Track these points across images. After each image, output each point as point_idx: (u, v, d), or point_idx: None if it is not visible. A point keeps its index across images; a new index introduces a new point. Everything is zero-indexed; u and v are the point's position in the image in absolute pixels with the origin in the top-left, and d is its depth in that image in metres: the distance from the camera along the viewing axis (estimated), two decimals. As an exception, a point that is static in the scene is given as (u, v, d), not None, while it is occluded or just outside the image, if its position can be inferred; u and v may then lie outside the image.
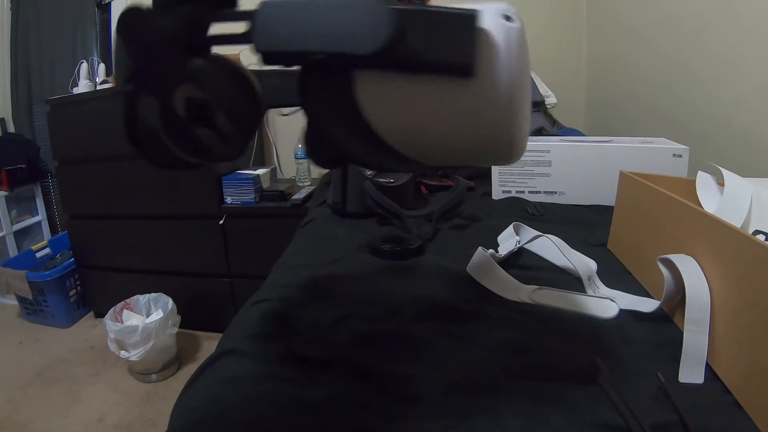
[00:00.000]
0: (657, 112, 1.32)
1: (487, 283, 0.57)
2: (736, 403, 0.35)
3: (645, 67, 1.37)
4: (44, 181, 2.40)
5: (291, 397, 0.38)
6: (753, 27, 0.91)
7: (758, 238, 0.40)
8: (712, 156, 0.86)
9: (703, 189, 0.60)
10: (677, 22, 1.17)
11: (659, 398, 0.36)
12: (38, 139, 2.35)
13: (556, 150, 0.91)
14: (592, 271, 0.56)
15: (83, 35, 2.21)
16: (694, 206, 0.46)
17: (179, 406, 0.40)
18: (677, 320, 0.46)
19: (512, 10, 0.22)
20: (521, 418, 0.35)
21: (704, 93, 1.09)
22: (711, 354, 0.39)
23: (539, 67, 1.72)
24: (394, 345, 0.45)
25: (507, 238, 0.69)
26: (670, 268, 0.45)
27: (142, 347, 1.41)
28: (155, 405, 1.41)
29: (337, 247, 0.74)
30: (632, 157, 0.85)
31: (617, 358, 0.41)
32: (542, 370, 0.40)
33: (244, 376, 0.41)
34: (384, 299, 0.55)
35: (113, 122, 1.84)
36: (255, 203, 1.65)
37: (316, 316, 0.51)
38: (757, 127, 0.92)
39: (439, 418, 0.36)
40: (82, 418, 1.35)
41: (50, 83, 2.26)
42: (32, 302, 1.88)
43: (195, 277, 1.75)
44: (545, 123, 1.51)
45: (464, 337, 0.46)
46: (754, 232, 0.50)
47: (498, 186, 0.98)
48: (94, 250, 1.88)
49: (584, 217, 0.82)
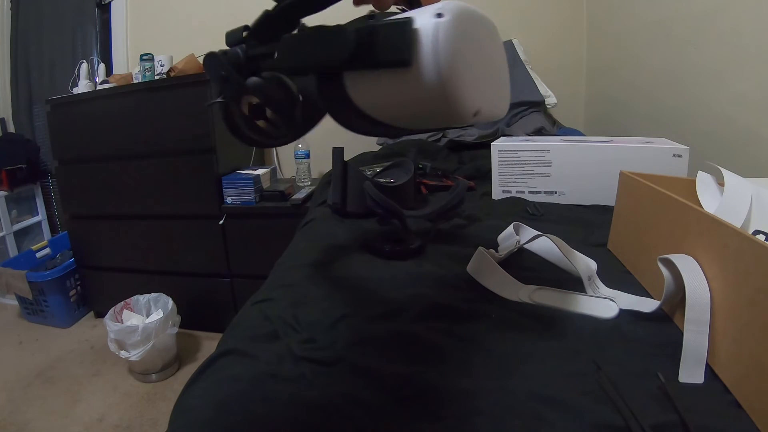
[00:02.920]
0: (657, 112, 1.32)
1: (487, 283, 0.56)
2: (736, 403, 0.35)
3: (645, 67, 1.37)
4: (44, 181, 2.40)
5: (291, 397, 0.38)
6: (753, 27, 0.91)
7: (758, 238, 0.40)
8: (712, 156, 0.86)
9: (703, 189, 0.60)
10: (677, 23, 1.17)
11: (659, 398, 0.36)
12: (38, 139, 2.35)
13: (556, 150, 0.91)
14: (592, 271, 0.56)
15: (83, 35, 2.21)
16: (694, 206, 0.46)
17: (179, 406, 0.40)
18: (677, 320, 0.46)
19: (450, 6, 0.28)
20: (521, 418, 0.35)
21: (704, 93, 1.09)
22: (711, 354, 0.39)
23: (539, 67, 1.73)
24: (394, 345, 0.45)
25: (507, 238, 0.69)
26: (670, 268, 0.45)
27: (142, 347, 1.41)
28: (155, 405, 1.41)
29: (337, 247, 0.74)
30: (632, 157, 0.85)
31: (617, 358, 0.41)
32: (542, 371, 0.40)
33: (244, 376, 0.41)
34: (384, 299, 0.55)
35: (113, 122, 1.85)
36: (255, 203, 1.65)
37: (316, 316, 0.51)
38: (757, 127, 0.92)
39: (439, 418, 0.36)
40: (82, 418, 1.35)
41: (50, 83, 2.26)
42: (32, 302, 1.88)
43: (195, 277, 1.75)
44: (545, 123, 1.51)
45: (464, 337, 0.46)
46: (754, 232, 0.50)
47: (498, 186, 0.98)
48: (94, 250, 1.88)
49: (584, 217, 0.82)
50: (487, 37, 0.32)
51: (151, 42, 2.02)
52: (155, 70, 1.77)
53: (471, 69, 0.29)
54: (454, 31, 0.28)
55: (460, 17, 0.28)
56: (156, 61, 1.77)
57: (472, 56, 0.30)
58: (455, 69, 0.28)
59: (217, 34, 1.83)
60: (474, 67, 0.30)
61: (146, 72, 1.77)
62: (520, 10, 1.83)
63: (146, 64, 1.77)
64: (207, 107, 0.32)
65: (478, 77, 0.31)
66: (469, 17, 0.29)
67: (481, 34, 0.31)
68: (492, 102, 0.33)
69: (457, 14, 0.28)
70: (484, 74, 0.32)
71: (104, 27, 2.15)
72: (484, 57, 0.32)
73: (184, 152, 1.64)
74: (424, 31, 0.27)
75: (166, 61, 1.76)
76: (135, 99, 1.65)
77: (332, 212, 0.90)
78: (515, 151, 0.95)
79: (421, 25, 0.28)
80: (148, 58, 1.77)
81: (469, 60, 0.29)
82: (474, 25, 0.30)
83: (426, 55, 0.27)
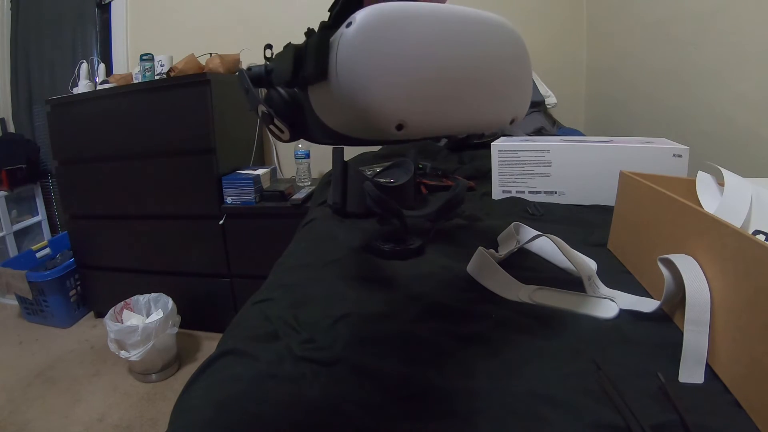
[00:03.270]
0: (657, 112, 1.32)
1: (487, 283, 0.57)
2: (736, 403, 0.35)
3: (645, 67, 1.37)
4: (44, 181, 2.40)
5: (291, 397, 0.38)
6: (753, 27, 0.91)
7: (758, 238, 0.40)
8: (712, 156, 0.86)
9: (703, 189, 0.60)
10: (677, 22, 1.17)
11: (659, 398, 0.36)
12: (38, 139, 2.35)
13: (556, 150, 0.91)
14: (592, 271, 0.56)
15: (83, 35, 2.21)
16: (694, 206, 0.46)
17: (179, 406, 0.40)
18: (677, 320, 0.46)
19: (362, 13, 0.27)
20: (521, 419, 0.35)
21: (704, 93, 1.09)
22: (711, 354, 0.39)
23: (540, 67, 1.72)
24: (394, 345, 0.45)
25: (507, 238, 0.69)
26: (670, 268, 0.45)
27: (142, 347, 1.41)
28: (155, 405, 1.41)
29: (337, 247, 0.74)
30: (632, 157, 0.85)
31: (617, 358, 0.41)
32: (542, 371, 0.40)
33: (244, 376, 0.41)
34: (384, 299, 0.55)
35: (113, 122, 1.85)
36: (255, 203, 1.65)
37: (316, 316, 0.51)
38: (757, 127, 0.92)
39: (439, 418, 0.36)
40: (82, 418, 1.35)
41: (50, 83, 2.26)
42: (32, 302, 1.88)
43: (195, 277, 1.75)
44: (545, 123, 1.51)
45: (464, 337, 0.46)
46: (754, 232, 0.50)
47: (498, 186, 0.98)
48: (94, 250, 1.88)
49: (584, 217, 0.82)
50: (442, 40, 0.30)
51: (151, 42, 2.02)
52: (155, 70, 1.77)
53: (394, 77, 0.28)
54: (363, 38, 0.27)
55: (370, 24, 0.27)
56: (156, 61, 1.77)
57: (398, 63, 0.28)
58: (358, 79, 0.27)
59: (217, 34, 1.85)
60: (404, 74, 0.28)
61: (146, 72, 1.77)
62: (520, 10, 1.83)
63: (146, 64, 1.77)
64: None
65: (411, 86, 0.29)
66: (388, 21, 0.28)
67: (425, 36, 0.29)
68: (446, 112, 0.31)
69: (368, 21, 0.27)
70: (427, 80, 0.29)
71: (104, 27, 2.15)
72: (435, 61, 0.30)
73: (184, 152, 1.64)
74: (338, 44, 0.27)
75: (166, 61, 1.76)
76: (135, 99, 1.65)
77: (332, 212, 0.90)
78: (515, 151, 0.95)
79: (334, 36, 0.28)
80: (148, 58, 1.77)
81: (392, 67, 0.28)
82: (400, 29, 0.28)
83: (332, 67, 0.27)
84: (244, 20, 1.96)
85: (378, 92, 0.28)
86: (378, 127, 0.28)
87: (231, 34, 1.95)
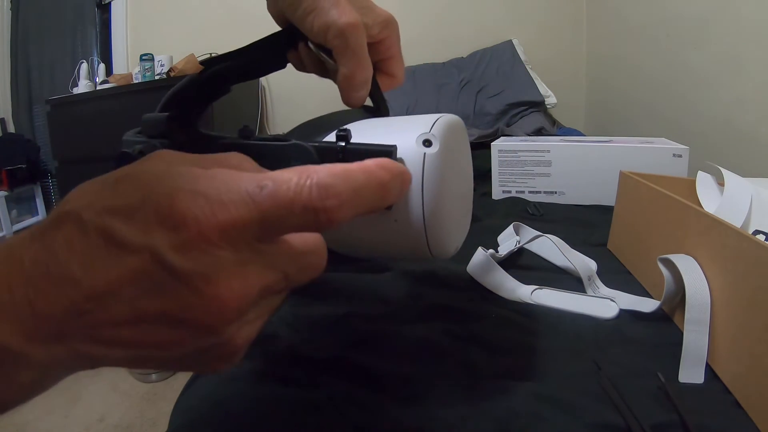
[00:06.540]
0: (657, 112, 1.32)
1: (487, 283, 0.56)
2: (736, 403, 0.35)
3: (645, 67, 1.37)
4: (44, 181, 2.40)
5: (291, 397, 0.38)
6: (753, 27, 0.91)
7: (758, 238, 0.40)
8: (712, 156, 0.86)
9: (703, 189, 0.60)
10: (677, 22, 1.17)
11: (659, 398, 0.36)
12: (38, 139, 2.35)
13: (556, 150, 0.91)
14: (592, 271, 0.56)
15: (83, 35, 2.21)
16: (694, 206, 0.46)
17: (179, 406, 0.40)
18: (677, 320, 0.46)
19: (439, 129, 0.22)
20: (521, 418, 0.35)
21: (704, 93, 1.09)
22: (711, 354, 0.39)
23: (539, 67, 1.73)
24: (394, 345, 0.45)
25: (507, 238, 0.69)
26: (670, 268, 0.45)
27: (142, 347, 1.41)
28: (155, 405, 1.41)
29: (337, 247, 0.74)
30: (632, 157, 0.85)
31: (617, 358, 0.41)
32: (542, 371, 0.40)
33: (244, 376, 0.41)
34: (384, 299, 0.55)
35: (113, 122, 1.85)
36: (255, 203, 1.64)
37: (316, 316, 0.51)
38: (757, 127, 0.92)
39: (439, 418, 0.36)
40: (82, 418, 1.35)
41: (50, 83, 2.26)
42: (32, 302, 1.88)
43: (195, 277, 1.75)
44: (545, 123, 1.51)
45: (464, 337, 0.46)
46: (754, 232, 0.50)
47: (498, 186, 0.98)
48: (94, 250, 1.87)
49: (584, 217, 0.82)
50: (462, 146, 0.26)
51: (151, 42, 2.02)
52: (155, 70, 1.77)
53: (452, 203, 0.24)
54: (442, 162, 0.22)
55: (447, 142, 0.22)
56: (156, 61, 1.77)
57: (452, 185, 0.24)
58: (439, 213, 0.22)
59: (217, 34, 1.86)
60: (454, 200, 0.25)
61: (146, 72, 1.77)
62: (520, 10, 1.83)
63: (146, 64, 1.77)
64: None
65: (455, 208, 0.25)
66: (452, 132, 0.23)
67: (459, 145, 0.25)
68: (464, 224, 0.29)
69: (446, 138, 0.22)
70: (459, 197, 0.26)
71: (104, 27, 2.15)
72: (459, 173, 0.26)
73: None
74: (411, 165, 0.21)
75: (166, 61, 1.76)
76: (135, 99, 1.65)
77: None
78: (515, 151, 0.95)
79: (407, 155, 0.21)
80: (148, 58, 1.77)
81: (452, 191, 0.24)
82: (455, 140, 0.24)
83: (410, 197, 0.21)
84: (245, 20, 1.96)
85: (449, 220, 0.24)
86: (442, 256, 0.25)
87: (231, 34, 1.95)
